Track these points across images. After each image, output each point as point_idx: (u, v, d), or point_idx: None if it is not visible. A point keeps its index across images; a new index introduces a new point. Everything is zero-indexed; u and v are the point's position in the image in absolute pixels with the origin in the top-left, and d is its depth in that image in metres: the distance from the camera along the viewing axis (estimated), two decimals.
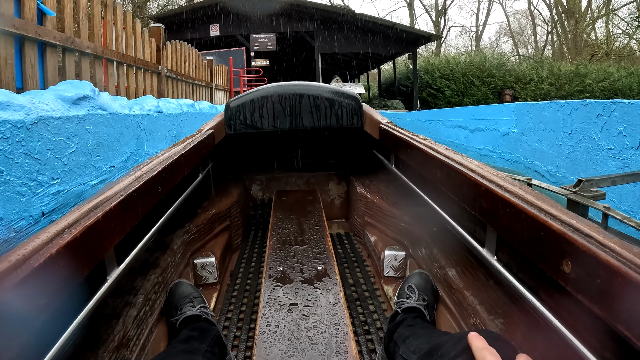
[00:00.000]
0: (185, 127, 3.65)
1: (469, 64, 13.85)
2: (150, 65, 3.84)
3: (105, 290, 0.76)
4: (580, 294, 0.53)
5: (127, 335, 0.86)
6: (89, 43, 2.71)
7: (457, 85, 13.68)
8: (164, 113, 3.08)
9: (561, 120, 3.62)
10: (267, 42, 12.72)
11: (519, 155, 4.77)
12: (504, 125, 5.09)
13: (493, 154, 5.33)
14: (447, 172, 0.98)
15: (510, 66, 14.16)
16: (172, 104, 3.49)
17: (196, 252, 1.39)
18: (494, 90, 13.58)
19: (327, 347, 0.72)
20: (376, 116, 1.73)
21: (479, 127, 5.67)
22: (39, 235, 0.59)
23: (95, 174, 2.07)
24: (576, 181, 1.67)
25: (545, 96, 12.40)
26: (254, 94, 1.70)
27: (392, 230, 1.52)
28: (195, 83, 5.48)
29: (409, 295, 1.04)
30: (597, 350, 0.55)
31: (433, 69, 14.11)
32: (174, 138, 3.28)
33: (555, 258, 0.58)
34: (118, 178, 0.91)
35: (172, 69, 4.51)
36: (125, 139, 2.41)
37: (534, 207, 0.65)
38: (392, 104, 13.89)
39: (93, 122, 2.05)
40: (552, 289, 0.69)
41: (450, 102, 13.72)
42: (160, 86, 4.12)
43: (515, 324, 0.81)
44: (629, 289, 0.45)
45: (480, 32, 27.09)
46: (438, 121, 7.04)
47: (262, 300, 0.88)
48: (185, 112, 3.64)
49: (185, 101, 3.94)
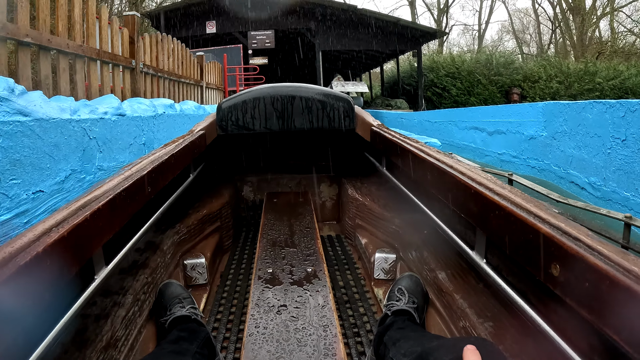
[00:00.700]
0: (161, 132, 3.07)
1: (475, 62, 13.45)
2: (120, 59, 3.25)
3: (93, 290, 0.76)
4: (568, 297, 0.53)
5: (115, 335, 0.84)
6: (31, 31, 2.12)
7: (463, 84, 13.32)
8: (128, 116, 2.50)
9: (611, 123, 3.02)
10: (265, 40, 12.23)
11: (549, 162, 4.18)
12: (530, 127, 4.49)
13: (516, 160, 4.74)
14: (437, 175, 0.98)
15: (517, 64, 13.75)
16: (143, 104, 2.90)
17: (186, 253, 1.38)
18: (501, 89, 13.30)
19: (315, 349, 0.73)
20: (368, 118, 1.71)
21: (499, 129, 5.08)
22: (26, 234, 0.59)
23: (7, 206, 1.47)
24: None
25: (554, 95, 12.06)
26: (245, 95, 1.68)
27: (382, 232, 1.52)
28: (181, 81, 4.89)
29: (399, 297, 1.04)
30: (586, 353, 0.55)
31: (438, 67, 13.73)
32: (142, 146, 2.69)
33: (544, 261, 0.58)
34: (108, 177, 0.91)
35: (151, 65, 3.92)
36: (63, 152, 1.83)
37: (523, 210, 0.66)
38: (395, 103, 13.45)
39: (3, 134, 1.45)
40: (541, 292, 0.69)
41: (457, 101, 13.32)
42: (135, 84, 3.52)
43: (505, 327, 0.81)
44: (616, 292, 0.45)
45: (482, 30, 26.80)
46: (450, 122, 6.43)
47: (251, 302, 0.89)
48: (160, 115, 3.06)
49: (162, 101, 3.37)
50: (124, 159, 2.43)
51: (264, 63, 11.55)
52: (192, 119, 3.98)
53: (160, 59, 4.21)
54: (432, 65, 13.99)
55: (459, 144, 5.92)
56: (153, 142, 2.91)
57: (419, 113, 8.10)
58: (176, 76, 4.68)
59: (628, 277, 0.45)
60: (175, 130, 3.48)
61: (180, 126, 3.63)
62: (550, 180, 4.18)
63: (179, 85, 4.81)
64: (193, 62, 5.48)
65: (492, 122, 5.23)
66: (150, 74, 3.91)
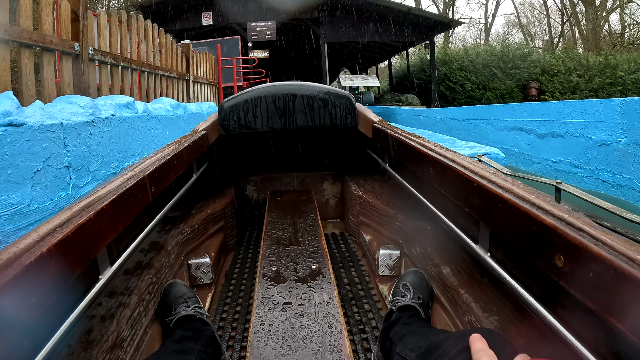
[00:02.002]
0: (106, 145, 2.12)
1: (489, 55, 12.63)
2: (53, 42, 2.28)
3: (98, 290, 0.76)
4: (573, 288, 0.53)
5: (121, 336, 0.84)
6: None
7: (477, 77, 12.45)
8: (32, 126, 1.54)
9: None
10: (266, 31, 11.32)
11: (629, 176, 3.20)
12: (601, 130, 3.51)
13: (579, 171, 3.75)
14: (439, 169, 0.98)
15: (535, 57, 12.93)
16: (75, 105, 1.94)
17: (191, 253, 1.37)
18: (518, 83, 12.31)
19: (321, 346, 0.72)
20: (370, 115, 1.70)
21: (553, 131, 4.08)
22: (30, 234, 0.59)
23: None
24: None
25: (574, 89, 11.47)
26: (247, 95, 1.69)
27: (386, 229, 1.51)
28: (159, 74, 3.92)
29: (404, 293, 1.04)
30: (591, 344, 0.55)
31: (450, 61, 12.86)
32: (63, 172, 1.73)
33: (548, 252, 0.58)
34: (110, 178, 0.90)
35: (110, 52, 2.96)
36: None
37: (526, 202, 0.65)
38: (406, 99, 12.61)
39: None
40: (546, 284, 0.69)
41: (471, 96, 12.46)
42: (80, 76, 2.56)
43: (510, 320, 0.81)
44: (621, 282, 0.45)
45: (489, 24, 26.00)
46: (483, 121, 5.41)
47: (256, 300, 0.89)
48: (103, 120, 2.10)
49: (114, 100, 2.41)
50: (23, 198, 1.49)
51: (265, 56, 10.68)
52: (166, 122, 3.04)
53: (125, 44, 3.24)
54: (444, 58, 13.06)
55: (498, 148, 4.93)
56: (89, 162, 1.96)
57: (441, 110, 6.97)
58: (150, 67, 3.71)
59: (632, 267, 0.44)
60: (134, 140, 2.52)
61: (145, 132, 2.68)
62: (631, 199, 3.20)
63: (155, 79, 3.84)
64: (176, 51, 4.51)
65: (544, 122, 4.24)
66: (109, 64, 2.95)
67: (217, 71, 6.44)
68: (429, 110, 7.70)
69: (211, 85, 5.99)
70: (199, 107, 4.18)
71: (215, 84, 6.25)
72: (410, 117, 8.30)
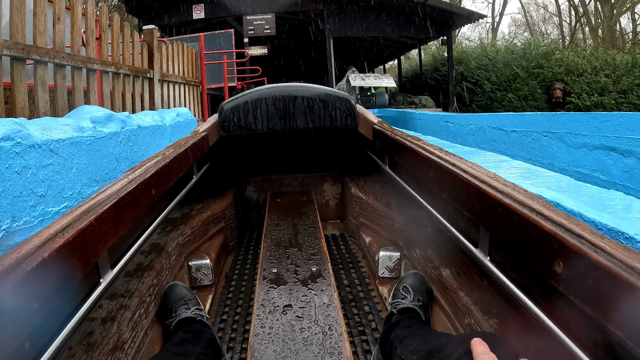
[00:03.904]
0: None
1: (509, 53, 11.69)
2: None
3: (99, 293, 0.77)
4: (572, 294, 0.53)
5: (121, 338, 0.84)
6: None
7: (498, 77, 11.35)
8: None
9: None
10: (264, 25, 10.29)
11: None
12: None
13: None
14: (440, 172, 0.98)
15: (559, 55, 11.84)
16: None
17: (191, 255, 1.38)
18: (542, 84, 11.12)
19: (321, 348, 0.72)
20: (370, 117, 1.70)
21: None
22: (31, 239, 0.60)
23: None
24: None
25: (602, 90, 10.59)
26: (247, 96, 1.69)
27: (386, 231, 1.51)
28: (94, 68, 2.62)
29: (404, 295, 1.04)
30: (590, 349, 0.55)
31: (467, 59, 11.75)
32: None
33: (547, 258, 0.58)
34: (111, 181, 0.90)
35: None
36: None
37: (526, 207, 0.66)
38: (420, 100, 11.46)
39: None
40: (545, 289, 0.69)
41: (491, 98, 11.29)
42: None
43: (509, 324, 0.81)
44: (620, 289, 0.45)
45: (497, 22, 24.97)
46: (546, 134, 4.04)
47: (256, 302, 0.89)
48: None
49: None
50: None
51: (264, 53, 9.59)
52: (71, 154, 1.75)
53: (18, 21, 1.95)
54: (459, 56, 12.03)
55: (568, 171, 3.62)
56: None
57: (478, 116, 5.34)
58: (74, 59, 2.41)
59: (631, 274, 0.45)
60: None
61: None
62: None
63: (84, 76, 2.53)
64: (130, 37, 3.14)
65: None
66: None
67: (200, 68, 5.14)
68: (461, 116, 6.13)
69: (190, 85, 4.70)
70: (160, 116, 2.89)
71: (197, 84, 4.96)
72: (434, 124, 6.80)
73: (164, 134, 2.75)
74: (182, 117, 3.22)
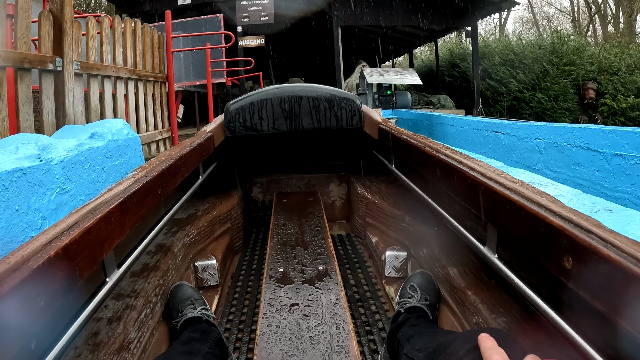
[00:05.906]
0: None
1: (537, 48, 10.42)
2: None
3: (105, 293, 0.77)
4: (582, 290, 0.53)
5: (128, 338, 0.84)
6: None
7: (526, 75, 10.03)
8: None
9: None
10: (260, 12, 9.10)
11: None
12: None
13: None
14: (446, 171, 0.98)
15: (592, 51, 10.82)
16: None
17: (197, 255, 1.38)
18: (574, 83, 10.01)
19: (328, 347, 0.72)
20: (375, 117, 1.71)
21: None
22: (38, 238, 0.59)
23: None
24: None
25: (638, 91, 9.59)
26: (253, 97, 1.69)
27: (393, 230, 1.51)
28: None
29: (411, 295, 1.04)
30: (600, 346, 0.54)
31: (491, 54, 10.53)
32: None
33: (556, 254, 0.57)
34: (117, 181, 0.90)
35: None
36: None
37: (534, 204, 0.65)
38: (438, 100, 10.30)
39: None
40: (554, 285, 0.69)
41: (517, 98, 10.12)
42: None
43: (518, 322, 0.81)
44: (630, 284, 0.45)
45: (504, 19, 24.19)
46: None
47: (262, 301, 0.88)
48: None
49: None
50: None
51: (260, 44, 8.44)
52: None
53: None
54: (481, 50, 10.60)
55: None
56: None
57: (548, 127, 3.63)
58: None
59: None
60: None
61: None
62: None
63: None
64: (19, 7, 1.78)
65: None
66: None
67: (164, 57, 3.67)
68: (518, 125, 4.33)
69: (148, 82, 3.26)
70: (39, 145, 1.47)
71: (162, 80, 3.53)
72: (474, 133, 5.16)
73: (43, 184, 1.38)
74: (103, 139, 1.89)
